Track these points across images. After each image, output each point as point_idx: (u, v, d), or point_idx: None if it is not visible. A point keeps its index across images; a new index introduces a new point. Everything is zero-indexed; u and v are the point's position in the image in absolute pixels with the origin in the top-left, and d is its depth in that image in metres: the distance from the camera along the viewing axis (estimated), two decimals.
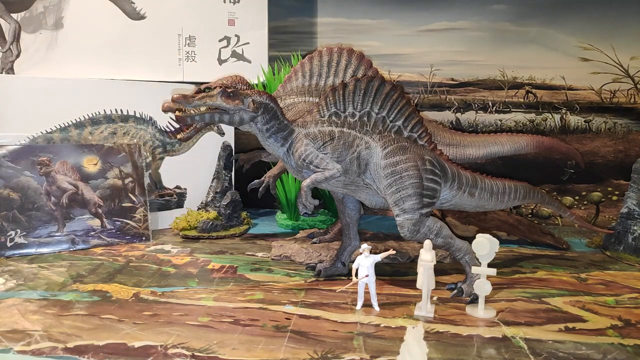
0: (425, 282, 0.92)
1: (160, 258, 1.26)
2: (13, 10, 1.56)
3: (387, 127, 1.03)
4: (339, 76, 1.16)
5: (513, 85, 1.70)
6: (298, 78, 1.20)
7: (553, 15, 1.65)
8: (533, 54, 1.68)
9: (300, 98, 1.18)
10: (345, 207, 1.13)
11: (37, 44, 1.57)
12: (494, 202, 1.12)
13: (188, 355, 0.76)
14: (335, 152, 1.00)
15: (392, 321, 0.90)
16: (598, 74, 1.65)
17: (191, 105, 0.95)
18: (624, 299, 1.05)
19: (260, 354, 0.77)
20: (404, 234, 1.01)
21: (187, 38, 1.62)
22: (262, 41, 1.63)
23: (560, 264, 1.28)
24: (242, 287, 1.07)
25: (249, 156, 1.51)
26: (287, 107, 1.18)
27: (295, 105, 1.18)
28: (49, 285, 1.05)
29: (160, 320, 0.88)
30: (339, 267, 1.15)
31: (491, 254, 0.94)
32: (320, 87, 1.17)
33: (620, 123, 1.66)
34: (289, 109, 1.18)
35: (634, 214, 1.33)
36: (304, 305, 0.97)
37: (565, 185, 1.70)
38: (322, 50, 1.17)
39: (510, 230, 1.45)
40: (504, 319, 0.92)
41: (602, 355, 0.79)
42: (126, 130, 1.49)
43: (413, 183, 0.99)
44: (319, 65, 1.18)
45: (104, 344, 0.79)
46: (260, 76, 1.63)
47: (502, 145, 1.31)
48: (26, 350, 0.77)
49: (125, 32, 1.58)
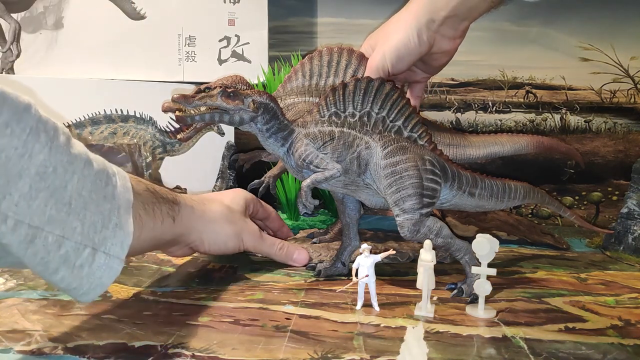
0: (425, 282, 0.92)
1: (160, 258, 1.26)
2: (13, 10, 1.56)
3: (387, 127, 1.03)
4: (339, 76, 1.16)
5: (513, 85, 1.70)
6: (298, 78, 1.20)
7: (553, 15, 1.65)
8: (533, 54, 1.68)
9: (300, 98, 1.18)
10: (345, 207, 1.13)
11: (37, 44, 1.57)
12: (494, 202, 1.12)
13: (188, 355, 0.76)
14: (335, 152, 1.00)
15: (392, 321, 0.90)
16: (598, 74, 1.65)
17: (191, 105, 0.95)
18: (624, 299, 1.05)
19: (260, 354, 0.77)
20: (404, 234, 1.01)
21: (187, 38, 1.62)
22: (262, 41, 1.63)
23: (560, 264, 1.28)
24: (242, 287, 1.07)
25: (249, 156, 1.52)
26: (287, 107, 1.18)
27: (296, 105, 1.18)
28: (49, 285, 1.05)
29: (160, 320, 0.88)
30: (339, 267, 1.15)
31: (491, 254, 0.94)
32: (320, 87, 1.17)
33: (620, 123, 1.66)
34: (289, 109, 1.18)
35: (634, 214, 1.33)
36: (304, 305, 0.97)
37: (565, 185, 1.70)
38: (322, 50, 1.17)
39: (510, 230, 1.45)
40: (504, 319, 0.92)
41: (602, 355, 0.79)
42: (126, 130, 1.49)
43: (413, 183, 0.99)
44: (319, 65, 1.18)
45: (104, 344, 0.79)
46: (260, 76, 1.63)
47: (502, 145, 1.31)
48: (26, 350, 0.77)
49: (125, 32, 1.58)
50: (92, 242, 0.74)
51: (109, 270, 0.77)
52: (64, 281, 0.73)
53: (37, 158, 0.68)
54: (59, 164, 0.71)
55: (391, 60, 1.09)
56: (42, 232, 0.69)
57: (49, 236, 0.69)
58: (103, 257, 0.75)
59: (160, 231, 0.92)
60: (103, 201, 0.76)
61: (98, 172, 0.77)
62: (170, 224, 0.95)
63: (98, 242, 0.74)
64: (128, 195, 0.80)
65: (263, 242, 1.17)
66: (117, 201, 0.78)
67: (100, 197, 0.76)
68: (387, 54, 1.09)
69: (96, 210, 0.75)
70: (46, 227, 0.69)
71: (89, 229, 0.73)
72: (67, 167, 0.72)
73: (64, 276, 0.72)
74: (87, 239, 0.73)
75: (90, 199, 0.74)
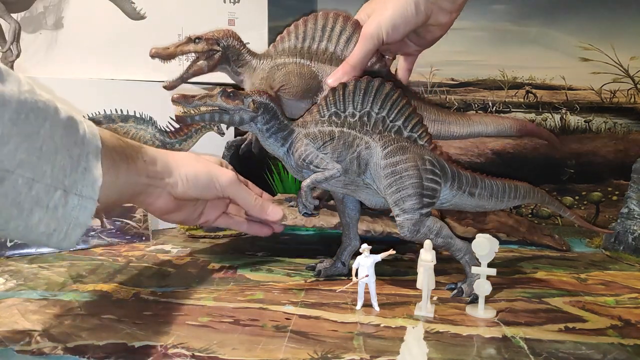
0: (425, 282, 0.92)
1: (160, 258, 1.26)
2: (13, 10, 1.56)
3: (387, 127, 1.03)
4: (332, 42, 1.16)
5: (513, 85, 1.70)
6: (291, 39, 1.20)
7: (553, 15, 1.65)
8: (533, 54, 1.68)
9: (291, 59, 1.18)
10: (345, 207, 1.13)
11: (37, 44, 1.57)
12: (494, 202, 1.12)
13: (188, 355, 0.76)
14: (335, 152, 1.00)
15: (392, 321, 0.90)
16: (598, 74, 1.65)
17: (191, 105, 0.95)
18: (624, 299, 1.05)
19: (260, 354, 0.77)
20: (404, 234, 1.00)
21: None
22: (262, 41, 1.63)
23: (560, 264, 1.28)
24: (242, 287, 1.06)
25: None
26: (278, 66, 1.18)
27: (286, 65, 1.18)
28: (49, 285, 1.05)
29: (160, 320, 0.88)
30: (339, 267, 1.15)
31: (491, 254, 0.94)
32: (312, 51, 1.17)
33: (620, 123, 1.66)
34: (279, 69, 1.17)
35: (634, 214, 1.33)
36: (304, 305, 0.97)
37: (565, 185, 1.70)
38: (319, 14, 1.17)
39: (510, 231, 1.44)
40: (504, 319, 0.92)
41: (602, 355, 0.79)
42: (126, 130, 1.49)
43: (413, 183, 0.99)
44: (313, 29, 1.18)
45: (104, 344, 0.79)
46: None
47: (486, 125, 1.31)
48: (26, 350, 0.77)
49: (125, 32, 1.58)
50: (62, 184, 0.76)
51: (83, 210, 0.79)
52: (41, 223, 0.76)
53: (9, 106, 0.70)
54: (32, 111, 0.73)
55: (386, 28, 1.08)
56: (12, 175, 0.71)
57: (18, 179, 0.72)
58: (76, 199, 0.78)
59: (135, 172, 0.94)
60: (73, 146, 0.78)
61: (68, 118, 0.79)
62: (142, 165, 0.96)
63: (68, 185, 0.77)
64: (96, 141, 0.82)
65: (240, 187, 1.15)
66: (86, 147, 0.80)
67: (71, 142, 0.78)
68: (383, 23, 1.08)
69: (66, 154, 0.77)
70: (17, 170, 0.72)
71: (59, 172, 0.76)
72: (39, 113, 0.74)
73: (41, 218, 0.75)
74: (57, 181, 0.76)
75: (61, 144, 0.77)
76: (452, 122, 1.29)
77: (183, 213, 1.12)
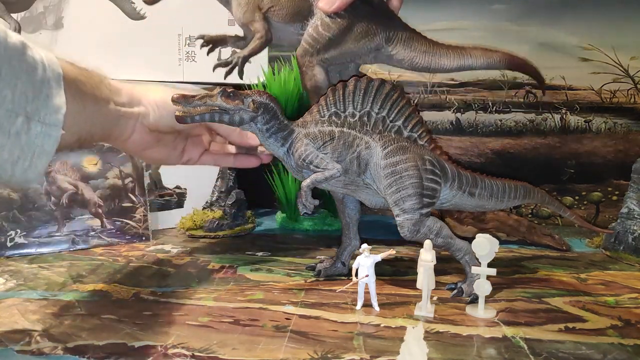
0: (425, 282, 0.92)
1: (160, 258, 1.26)
2: (13, 10, 1.55)
3: (387, 127, 1.03)
4: None
5: (513, 85, 1.70)
6: None
7: (553, 15, 1.65)
8: (533, 54, 1.68)
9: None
10: (345, 207, 1.13)
11: (37, 44, 1.57)
12: (494, 202, 1.12)
13: (188, 355, 0.76)
14: (335, 152, 1.00)
15: (392, 321, 0.90)
16: (598, 74, 1.65)
17: (191, 105, 0.95)
18: (624, 299, 1.05)
19: (260, 354, 0.77)
20: (404, 234, 1.00)
21: (187, 38, 1.62)
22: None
23: (560, 264, 1.28)
24: (242, 287, 1.06)
25: (216, 38, 1.41)
26: None
27: None
28: (49, 285, 1.05)
29: (160, 320, 0.88)
30: (339, 267, 1.15)
31: (491, 254, 0.94)
32: None
33: (620, 123, 1.66)
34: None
35: (634, 214, 1.33)
36: (304, 305, 0.97)
37: (565, 185, 1.69)
38: None
39: (510, 231, 1.45)
40: (504, 319, 0.92)
41: (602, 355, 0.79)
42: None
43: (413, 183, 0.99)
44: None
45: (104, 344, 0.79)
46: (260, 76, 1.63)
47: (475, 58, 1.29)
48: (26, 350, 0.77)
49: (125, 32, 1.58)
50: (24, 110, 0.75)
51: (47, 137, 0.78)
52: (4, 150, 0.74)
53: None
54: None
55: None
56: None
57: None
58: (39, 126, 0.77)
59: (104, 102, 0.92)
60: (33, 73, 0.77)
61: (27, 47, 0.78)
62: (108, 94, 0.94)
63: (30, 111, 0.76)
64: (56, 68, 0.81)
65: None
66: (47, 74, 0.79)
67: (31, 68, 0.77)
68: None
69: (27, 80, 0.76)
70: None
71: (20, 98, 0.75)
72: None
73: (3, 144, 0.74)
74: (19, 107, 0.75)
75: (21, 69, 0.75)
76: (442, 55, 1.27)
77: (164, 150, 1.10)
